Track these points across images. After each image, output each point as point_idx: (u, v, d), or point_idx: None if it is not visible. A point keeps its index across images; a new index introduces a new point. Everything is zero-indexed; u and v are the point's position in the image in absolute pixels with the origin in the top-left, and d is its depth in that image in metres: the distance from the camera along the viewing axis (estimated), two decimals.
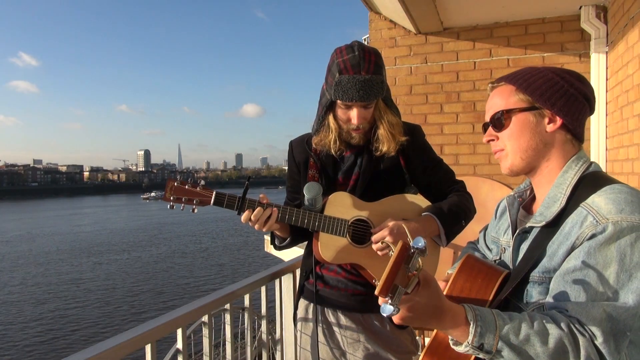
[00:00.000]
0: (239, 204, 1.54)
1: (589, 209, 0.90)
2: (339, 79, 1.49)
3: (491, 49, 3.75)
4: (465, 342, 0.85)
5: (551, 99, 0.99)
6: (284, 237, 1.73)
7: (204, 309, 1.71)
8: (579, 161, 1.01)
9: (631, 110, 2.76)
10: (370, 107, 1.56)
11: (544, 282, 0.95)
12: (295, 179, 1.78)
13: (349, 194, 1.62)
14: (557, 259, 0.92)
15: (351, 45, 1.52)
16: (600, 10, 3.34)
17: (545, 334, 0.83)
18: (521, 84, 1.02)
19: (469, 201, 1.69)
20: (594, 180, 0.97)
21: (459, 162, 3.81)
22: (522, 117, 1.02)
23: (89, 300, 20.33)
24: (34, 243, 37.49)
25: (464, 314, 0.86)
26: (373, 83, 1.49)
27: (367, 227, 1.59)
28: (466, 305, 0.88)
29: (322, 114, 1.61)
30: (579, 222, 0.91)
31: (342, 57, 1.50)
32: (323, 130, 1.63)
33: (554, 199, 0.99)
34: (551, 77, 1.01)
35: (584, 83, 1.03)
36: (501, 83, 1.07)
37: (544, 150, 1.02)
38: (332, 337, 1.69)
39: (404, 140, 1.62)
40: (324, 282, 1.72)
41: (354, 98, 1.49)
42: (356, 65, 1.48)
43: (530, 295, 0.97)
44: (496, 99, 1.06)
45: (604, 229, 0.86)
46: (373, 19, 4.06)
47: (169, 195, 1.54)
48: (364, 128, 1.60)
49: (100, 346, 1.28)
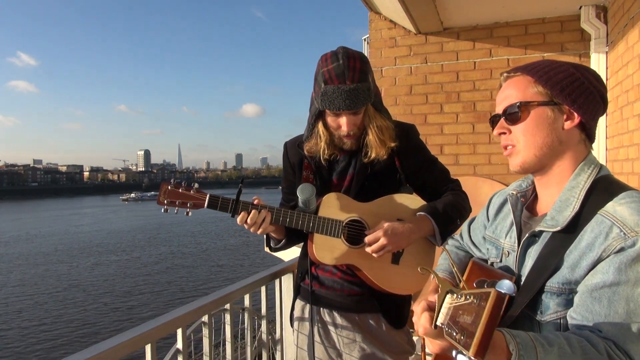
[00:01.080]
0: (232, 207, 1.54)
1: (613, 220, 0.86)
2: (325, 90, 1.48)
3: (491, 49, 3.75)
4: None
5: (572, 94, 0.94)
6: (279, 238, 1.72)
7: (204, 309, 1.71)
8: (591, 164, 0.97)
9: (631, 110, 2.76)
10: (360, 113, 1.55)
11: (563, 294, 0.90)
12: (290, 180, 1.78)
13: (343, 194, 1.62)
14: (580, 270, 0.88)
15: (336, 52, 1.50)
16: (600, 10, 3.34)
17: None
18: (541, 76, 0.96)
19: (464, 200, 1.68)
20: (608, 185, 0.93)
21: (459, 162, 3.81)
22: (540, 111, 0.96)
23: (87, 301, 20.32)
24: (32, 244, 37.44)
25: (504, 340, 0.77)
26: (359, 92, 1.47)
27: (362, 227, 1.59)
28: (505, 330, 0.79)
29: (312, 121, 1.61)
30: (603, 233, 0.86)
31: (327, 67, 1.48)
32: (313, 137, 1.63)
33: (566, 202, 0.94)
34: (572, 73, 0.96)
35: (600, 82, 0.98)
36: (517, 73, 1.00)
37: (559, 149, 0.97)
38: (328, 338, 1.69)
39: (394, 146, 1.61)
40: (320, 282, 1.71)
41: (341, 107, 1.48)
42: (340, 74, 1.46)
43: (546, 306, 0.92)
44: (511, 89, 1.00)
45: (634, 243, 0.82)
46: (373, 19, 4.06)
47: (162, 198, 1.54)
48: (355, 134, 1.60)
49: (100, 346, 1.28)
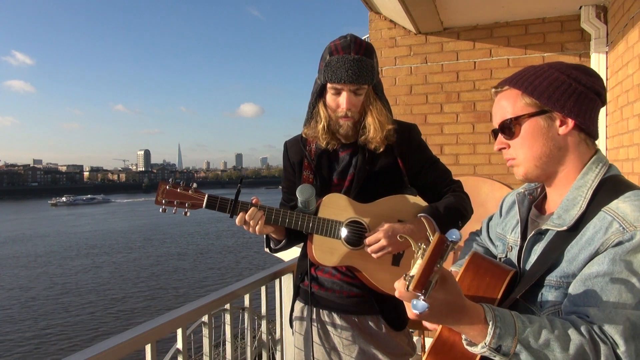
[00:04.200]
0: (231, 207, 1.53)
1: (614, 215, 0.87)
2: (329, 60, 1.50)
3: (491, 49, 3.75)
4: (482, 342, 0.81)
5: (560, 100, 0.94)
6: (279, 239, 1.71)
7: (204, 309, 1.71)
8: (599, 163, 0.96)
9: (631, 110, 2.76)
10: (360, 94, 1.54)
11: (561, 287, 0.92)
12: (290, 180, 1.76)
13: (343, 195, 1.60)
14: (577, 263, 0.89)
15: (344, 34, 1.56)
16: (600, 10, 3.34)
17: (566, 340, 0.80)
18: (527, 87, 0.97)
19: (465, 201, 1.67)
20: (616, 185, 0.93)
21: (459, 162, 3.81)
22: (532, 123, 0.96)
23: (86, 301, 20.31)
24: (30, 243, 37.41)
25: (482, 313, 0.82)
26: (363, 64, 1.48)
27: (362, 229, 1.57)
28: (485, 305, 0.84)
29: (313, 101, 1.61)
30: (603, 228, 0.87)
31: (334, 42, 1.53)
32: (313, 119, 1.62)
33: (573, 201, 0.94)
34: (557, 77, 0.96)
35: (592, 76, 0.97)
36: (505, 87, 1.01)
37: (558, 155, 0.97)
38: (328, 339, 1.68)
39: (392, 129, 1.59)
40: (319, 284, 1.70)
41: (343, 78, 1.48)
42: (347, 46, 1.49)
43: (545, 298, 0.94)
44: (502, 104, 1.01)
45: (632, 237, 0.83)
46: (373, 19, 4.06)
47: (160, 198, 1.53)
48: (353, 117, 1.57)
49: (100, 346, 1.28)
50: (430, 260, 0.73)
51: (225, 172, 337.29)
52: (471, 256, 1.08)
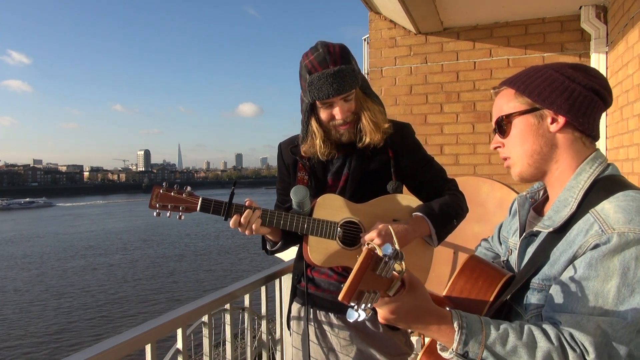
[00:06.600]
0: (225, 210, 1.52)
1: (596, 217, 0.85)
2: (310, 80, 1.48)
3: (491, 49, 3.75)
4: (450, 348, 0.82)
5: (550, 97, 0.94)
6: (275, 240, 1.70)
7: (204, 309, 1.71)
8: (594, 163, 0.94)
9: (631, 110, 2.76)
10: (351, 98, 1.54)
11: (544, 290, 0.91)
12: (285, 181, 1.76)
13: (338, 195, 1.59)
14: (558, 266, 0.88)
15: (315, 45, 1.53)
16: (600, 10, 3.34)
17: (533, 347, 0.80)
18: (519, 86, 0.97)
19: (461, 200, 1.66)
20: (608, 185, 0.91)
21: (459, 162, 3.81)
22: (522, 121, 0.97)
23: (87, 301, 20.32)
24: (28, 243, 37.38)
25: (450, 319, 0.83)
26: (344, 73, 1.47)
27: (357, 229, 1.56)
28: (454, 310, 0.85)
29: (306, 120, 1.60)
30: (584, 230, 0.86)
31: (308, 58, 1.50)
32: (309, 137, 1.61)
33: (564, 202, 0.93)
34: (550, 75, 0.96)
35: (591, 75, 0.95)
36: (502, 87, 1.03)
37: (550, 153, 0.96)
38: (325, 340, 1.68)
39: (389, 128, 1.59)
40: (315, 285, 1.70)
41: (330, 93, 1.47)
42: (322, 61, 1.47)
43: (529, 301, 0.93)
44: (498, 104, 1.02)
45: (609, 239, 0.81)
46: (373, 19, 4.06)
47: (154, 202, 1.52)
48: (351, 121, 1.57)
49: (100, 346, 1.28)
50: (356, 274, 0.75)
51: (225, 172, 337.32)
52: (467, 260, 1.09)
